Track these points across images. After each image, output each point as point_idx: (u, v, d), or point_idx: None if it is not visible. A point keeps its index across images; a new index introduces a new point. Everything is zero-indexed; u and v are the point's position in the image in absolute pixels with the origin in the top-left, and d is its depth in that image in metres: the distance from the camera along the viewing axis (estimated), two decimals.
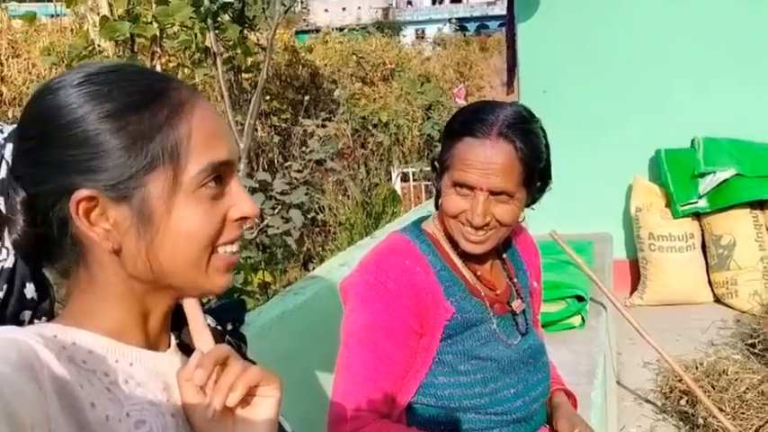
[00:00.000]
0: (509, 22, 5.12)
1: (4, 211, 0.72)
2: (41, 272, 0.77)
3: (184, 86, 0.78)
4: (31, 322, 0.75)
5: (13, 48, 7.38)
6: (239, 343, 0.91)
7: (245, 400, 0.74)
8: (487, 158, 1.26)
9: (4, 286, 0.72)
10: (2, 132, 0.75)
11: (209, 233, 0.75)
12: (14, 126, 0.76)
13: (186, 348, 0.83)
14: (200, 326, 0.81)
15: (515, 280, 1.45)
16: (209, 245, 0.75)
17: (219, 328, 0.89)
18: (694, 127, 4.28)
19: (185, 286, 0.77)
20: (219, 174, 0.75)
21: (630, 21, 4.37)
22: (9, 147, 0.74)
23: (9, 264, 0.72)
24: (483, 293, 1.36)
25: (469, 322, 1.33)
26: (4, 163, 0.73)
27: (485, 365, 1.32)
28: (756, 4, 4.20)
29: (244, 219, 0.78)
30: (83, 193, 0.71)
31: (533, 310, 1.52)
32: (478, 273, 1.38)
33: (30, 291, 0.74)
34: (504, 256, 1.47)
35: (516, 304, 1.41)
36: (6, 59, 7.20)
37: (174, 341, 0.82)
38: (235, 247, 0.80)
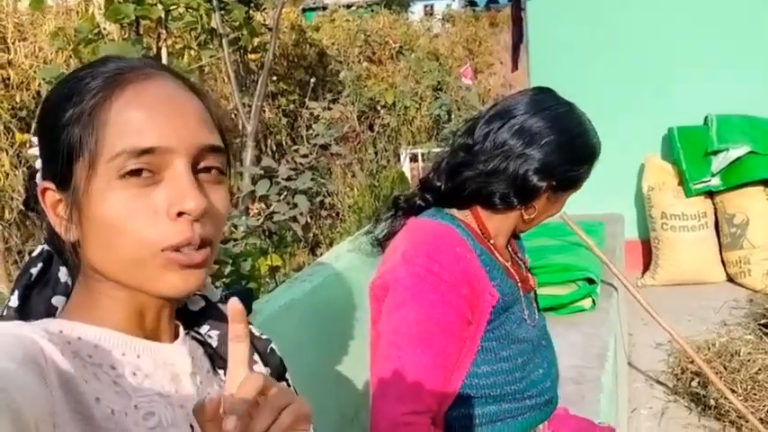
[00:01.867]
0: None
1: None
2: (76, 263, 0.77)
3: (134, 69, 0.73)
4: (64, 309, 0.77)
5: (19, 31, 7.35)
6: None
7: None
8: None
9: (40, 265, 0.76)
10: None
11: (138, 226, 0.69)
12: None
13: (200, 341, 0.82)
14: (237, 363, 0.68)
15: (520, 254, 1.46)
16: (145, 242, 0.69)
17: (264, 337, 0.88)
18: (707, 104, 4.22)
19: (132, 284, 0.72)
20: (148, 161, 0.69)
21: None
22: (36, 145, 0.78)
23: (48, 246, 0.77)
24: (516, 275, 1.36)
25: (507, 304, 1.32)
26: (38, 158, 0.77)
27: (522, 348, 1.32)
28: None
29: (185, 215, 0.70)
30: (43, 184, 0.74)
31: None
32: (508, 262, 1.37)
33: (63, 274, 0.77)
34: None
35: (531, 279, 1.42)
36: (13, 43, 7.17)
37: (182, 332, 0.81)
38: (187, 251, 0.71)
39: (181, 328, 0.81)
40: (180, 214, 0.70)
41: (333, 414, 1.29)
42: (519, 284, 1.36)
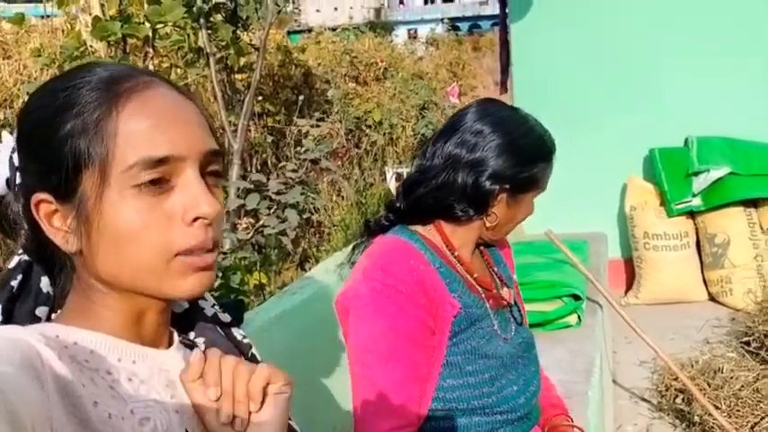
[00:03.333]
0: (502, 21, 5.13)
1: (21, 213, 0.75)
2: (57, 271, 0.77)
3: (132, 78, 0.74)
4: (49, 319, 0.76)
5: (3, 49, 7.33)
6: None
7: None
8: None
9: (20, 276, 0.75)
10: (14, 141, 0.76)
11: (154, 235, 0.71)
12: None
13: (189, 346, 0.83)
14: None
15: (496, 269, 1.46)
16: (160, 249, 0.71)
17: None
18: (688, 126, 4.29)
19: (147, 290, 0.74)
20: (162, 171, 0.71)
21: (624, 20, 4.38)
22: (15, 156, 0.76)
23: (27, 257, 0.75)
24: (480, 289, 1.36)
25: (473, 318, 1.32)
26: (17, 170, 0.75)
27: (490, 364, 1.31)
28: (750, 4, 4.22)
29: (200, 219, 0.72)
30: (38, 195, 0.72)
31: (521, 304, 1.52)
32: (475, 275, 1.37)
33: (45, 284, 0.76)
34: (482, 247, 1.47)
35: (506, 293, 1.42)
36: None
37: (176, 338, 0.81)
38: (201, 253, 0.74)
39: (175, 335, 0.82)
40: (195, 219, 0.72)
41: (323, 425, 1.29)
42: (485, 299, 1.36)
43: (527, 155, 1.34)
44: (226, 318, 0.88)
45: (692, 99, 4.29)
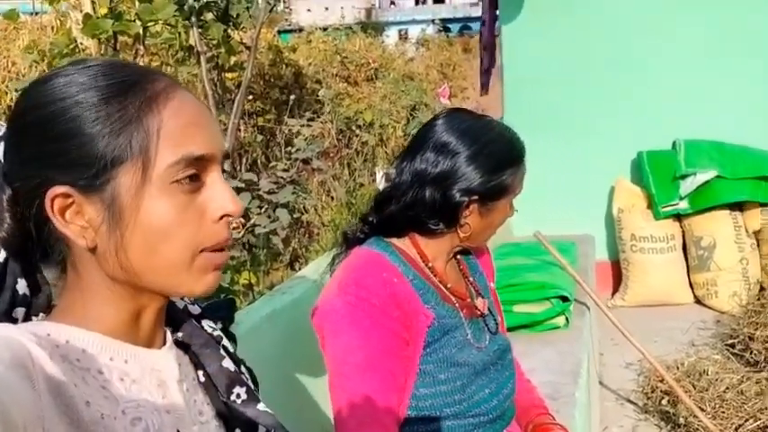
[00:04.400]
0: (488, 23, 5.14)
1: None
2: (34, 268, 0.75)
3: (163, 78, 0.75)
4: (26, 319, 0.74)
5: None
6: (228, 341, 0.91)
7: None
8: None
9: None
10: None
11: (186, 231, 0.72)
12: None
13: (182, 345, 0.83)
14: None
15: (471, 279, 1.47)
16: (190, 245, 0.73)
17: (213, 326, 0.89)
18: (675, 129, 4.33)
19: (165, 287, 0.75)
20: (196, 169, 0.72)
21: (612, 24, 4.41)
22: (0, 145, 0.74)
23: (0, 259, 0.71)
24: (453, 299, 1.37)
25: (446, 328, 1.33)
26: None
27: (462, 372, 1.32)
28: (737, 8, 4.26)
29: (226, 217, 0.75)
30: (57, 189, 0.70)
31: (498, 310, 1.53)
32: (449, 285, 1.38)
33: (22, 287, 0.73)
34: (459, 257, 1.48)
35: (480, 303, 1.42)
36: None
37: (169, 337, 0.81)
38: (221, 252, 0.77)
39: (168, 335, 0.82)
40: (221, 217, 0.74)
41: (311, 424, 1.30)
42: (460, 309, 1.37)
43: (494, 163, 1.32)
44: (195, 310, 0.88)
45: (680, 102, 4.32)
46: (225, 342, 0.89)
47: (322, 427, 1.57)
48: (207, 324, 0.88)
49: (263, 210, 2.42)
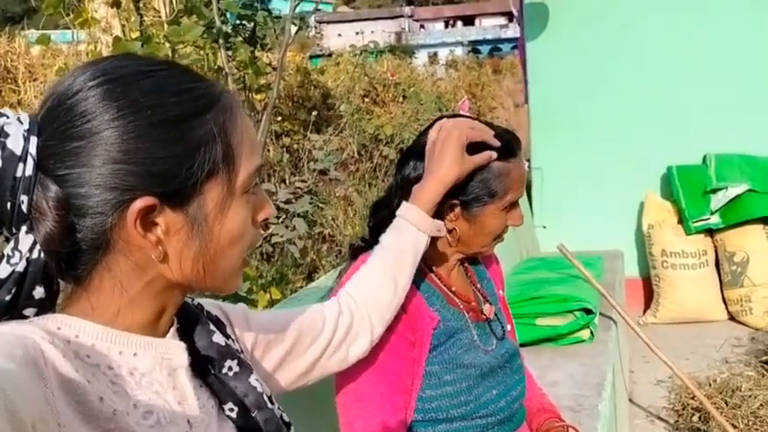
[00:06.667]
0: (521, 42, 5.15)
1: (25, 210, 0.67)
2: (59, 273, 0.71)
3: (225, 88, 0.79)
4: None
5: (30, 72, 7.51)
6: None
7: None
8: (523, 173, 1.34)
9: (13, 290, 0.68)
10: (21, 123, 0.67)
11: (250, 237, 0.78)
12: (31, 114, 0.69)
13: (182, 331, 0.82)
14: None
15: (479, 286, 1.45)
16: (246, 249, 0.78)
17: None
18: (706, 143, 4.27)
19: (214, 288, 0.79)
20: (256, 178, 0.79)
21: (640, 38, 4.38)
22: (33, 140, 0.67)
23: (20, 268, 0.67)
24: (459, 303, 1.37)
25: (451, 330, 1.32)
26: (30, 159, 0.67)
27: (468, 373, 1.31)
28: (766, 21, 4.20)
29: (265, 220, 0.81)
30: (145, 200, 0.69)
31: (507, 318, 1.51)
32: (453, 288, 1.37)
33: (38, 293, 0.70)
34: (466, 264, 1.46)
35: (487, 309, 1.41)
36: (23, 83, 7.33)
37: (174, 326, 0.81)
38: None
39: (174, 323, 0.81)
40: (263, 221, 0.81)
41: (320, 427, 1.30)
42: (465, 312, 1.36)
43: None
44: None
45: (710, 116, 4.26)
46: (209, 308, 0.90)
47: (330, 427, 1.56)
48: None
49: (280, 220, 2.43)
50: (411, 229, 1.18)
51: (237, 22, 5.35)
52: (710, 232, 4.17)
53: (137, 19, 4.28)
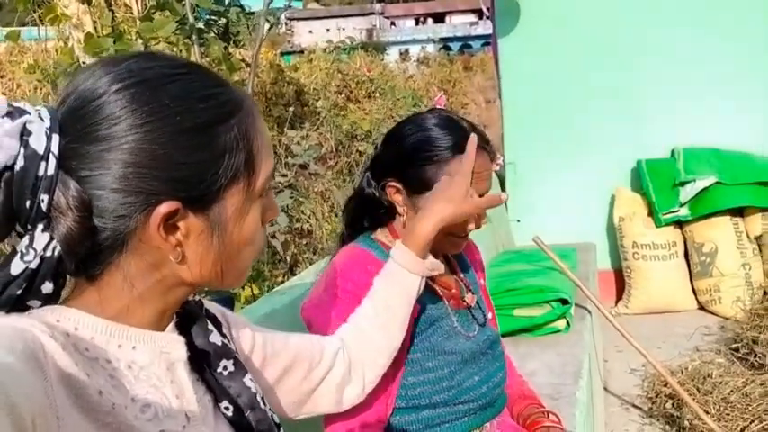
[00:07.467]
0: (494, 39, 5.19)
1: (44, 208, 0.66)
2: (73, 271, 0.72)
3: (246, 93, 0.79)
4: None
5: None
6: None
7: None
8: (487, 164, 1.34)
9: (24, 285, 0.68)
10: (43, 120, 0.66)
11: (259, 236, 0.80)
12: (50, 109, 0.68)
13: (181, 326, 0.83)
14: None
15: (461, 275, 1.49)
16: (259, 248, 0.80)
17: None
18: (674, 137, 4.36)
19: (225, 285, 0.80)
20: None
21: (610, 34, 4.45)
22: (55, 138, 0.67)
23: (34, 265, 0.68)
24: (439, 291, 1.39)
25: (431, 318, 1.35)
26: (52, 158, 0.66)
27: (450, 360, 1.34)
28: (733, 19, 4.29)
29: (270, 220, 0.84)
30: (170, 205, 0.69)
31: (488, 306, 1.54)
32: (434, 276, 1.40)
33: (47, 288, 0.70)
34: (450, 255, 1.49)
35: (469, 297, 1.45)
36: None
37: (173, 320, 0.82)
38: None
39: (173, 318, 0.82)
40: (269, 221, 0.83)
41: (308, 418, 1.32)
42: (446, 300, 1.39)
43: (407, 152, 1.33)
44: None
45: (679, 111, 4.35)
46: (207, 306, 0.91)
47: (320, 425, 1.58)
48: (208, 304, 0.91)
49: None
50: (402, 273, 1.16)
51: (208, 17, 5.31)
52: (680, 224, 4.26)
53: (108, 15, 4.24)
